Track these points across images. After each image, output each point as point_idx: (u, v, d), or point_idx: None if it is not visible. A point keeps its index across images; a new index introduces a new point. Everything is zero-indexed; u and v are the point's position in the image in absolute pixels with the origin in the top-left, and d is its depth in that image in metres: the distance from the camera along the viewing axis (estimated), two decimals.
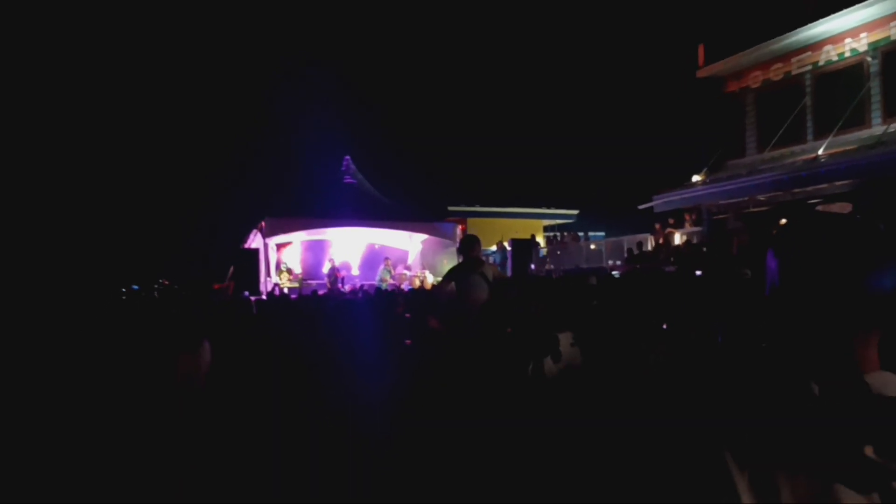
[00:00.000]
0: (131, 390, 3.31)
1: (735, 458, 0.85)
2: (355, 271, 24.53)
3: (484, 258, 6.30)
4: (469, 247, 6.06)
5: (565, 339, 4.12)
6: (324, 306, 7.49)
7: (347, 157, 26.40)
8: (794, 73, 17.81)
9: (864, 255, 0.90)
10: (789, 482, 0.83)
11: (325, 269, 22.32)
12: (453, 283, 5.91)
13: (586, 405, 3.40)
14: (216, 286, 19.96)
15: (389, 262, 22.57)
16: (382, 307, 6.52)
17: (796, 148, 17.07)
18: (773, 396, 0.89)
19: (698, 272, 10.71)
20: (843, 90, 16.13)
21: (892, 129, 14.39)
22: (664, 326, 5.30)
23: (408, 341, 5.44)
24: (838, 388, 0.85)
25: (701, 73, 20.10)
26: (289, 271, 22.53)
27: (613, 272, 17.26)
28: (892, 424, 0.81)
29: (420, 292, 13.05)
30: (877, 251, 0.90)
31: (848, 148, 14.95)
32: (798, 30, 16.88)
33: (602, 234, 27.02)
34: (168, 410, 3.20)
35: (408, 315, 5.93)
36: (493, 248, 23.42)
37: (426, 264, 24.07)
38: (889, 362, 0.91)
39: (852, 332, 0.90)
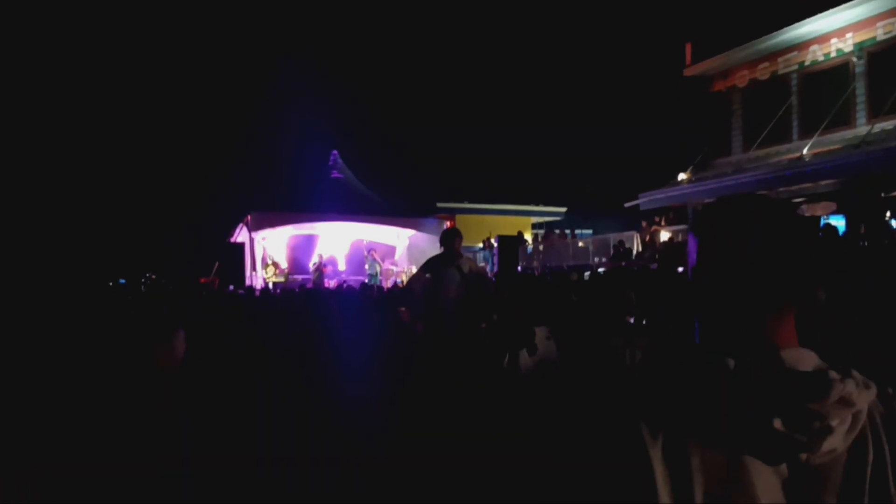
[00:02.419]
0: (108, 380, 3.30)
1: (648, 427, 0.86)
2: (342, 266, 24.48)
3: (464, 252, 6.27)
4: (449, 239, 6.05)
5: (541, 333, 4.13)
6: (301, 302, 7.48)
7: (335, 151, 26.35)
8: (780, 72, 17.90)
9: (777, 234, 0.91)
10: (700, 452, 0.85)
11: (312, 263, 22.26)
12: (429, 275, 5.90)
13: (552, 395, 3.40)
14: (203, 280, 19.92)
15: (375, 254, 22.41)
16: (362, 302, 6.51)
17: (782, 147, 17.17)
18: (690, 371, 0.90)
19: (679, 269, 10.76)
20: (828, 90, 16.22)
21: (877, 129, 14.49)
22: (644, 322, 5.32)
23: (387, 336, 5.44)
24: (752, 363, 0.85)
25: (688, 72, 20.18)
26: (275, 265, 22.45)
27: (600, 269, 17.32)
28: (802, 398, 0.82)
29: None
30: (790, 230, 0.91)
31: (833, 147, 15.05)
32: (784, 29, 16.97)
33: (590, 231, 27.07)
34: (145, 401, 3.19)
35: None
36: (481, 244, 23.40)
37: (413, 260, 24.02)
38: (807, 338, 0.91)
39: (767, 309, 0.91)
